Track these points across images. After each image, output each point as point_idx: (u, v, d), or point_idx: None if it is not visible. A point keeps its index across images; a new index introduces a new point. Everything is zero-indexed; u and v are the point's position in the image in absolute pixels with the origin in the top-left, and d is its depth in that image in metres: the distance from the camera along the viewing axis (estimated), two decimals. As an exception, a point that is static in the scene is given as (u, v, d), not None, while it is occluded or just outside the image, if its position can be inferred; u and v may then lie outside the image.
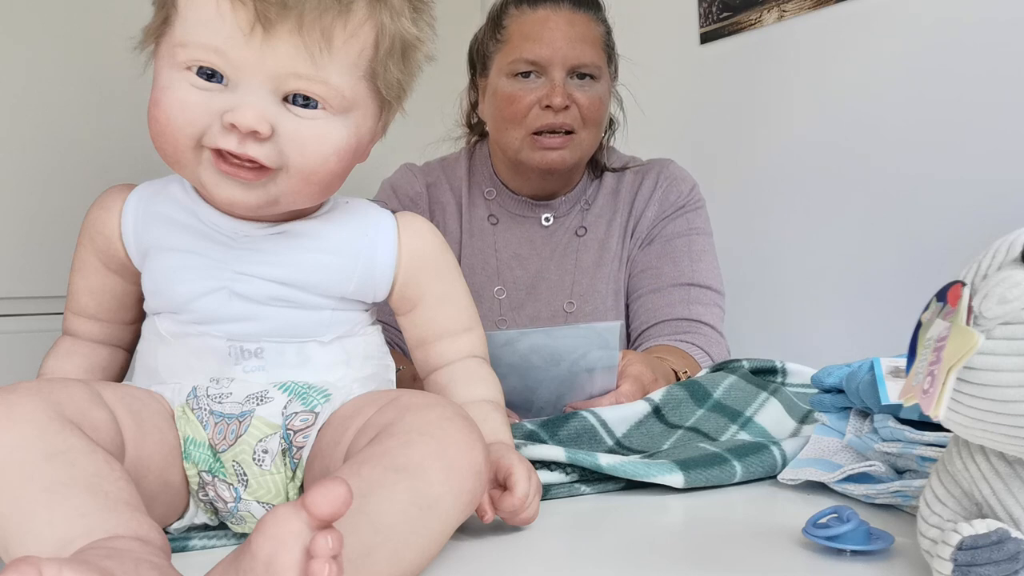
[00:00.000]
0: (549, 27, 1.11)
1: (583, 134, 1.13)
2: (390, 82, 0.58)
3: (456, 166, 1.24)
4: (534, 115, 1.11)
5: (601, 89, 1.14)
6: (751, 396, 0.85)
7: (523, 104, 1.11)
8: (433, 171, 1.24)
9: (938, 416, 0.39)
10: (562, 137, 1.12)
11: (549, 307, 1.18)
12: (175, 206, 0.59)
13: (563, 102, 1.09)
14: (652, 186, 1.21)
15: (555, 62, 1.10)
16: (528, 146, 1.12)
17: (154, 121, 0.54)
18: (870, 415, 0.66)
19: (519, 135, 1.12)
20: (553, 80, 1.10)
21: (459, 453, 0.49)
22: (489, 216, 1.21)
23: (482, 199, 1.22)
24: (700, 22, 1.72)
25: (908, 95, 1.37)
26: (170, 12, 0.55)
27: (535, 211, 1.21)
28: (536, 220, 1.21)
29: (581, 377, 0.85)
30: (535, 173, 1.16)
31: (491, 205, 1.22)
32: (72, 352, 0.64)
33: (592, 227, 1.21)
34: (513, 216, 1.21)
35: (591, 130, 1.14)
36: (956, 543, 0.41)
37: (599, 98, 1.14)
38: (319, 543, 0.36)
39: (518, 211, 1.21)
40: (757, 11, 1.60)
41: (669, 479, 0.65)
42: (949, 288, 0.42)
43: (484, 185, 1.22)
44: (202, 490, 0.57)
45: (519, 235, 1.20)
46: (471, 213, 1.21)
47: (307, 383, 0.57)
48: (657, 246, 1.18)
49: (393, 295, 0.62)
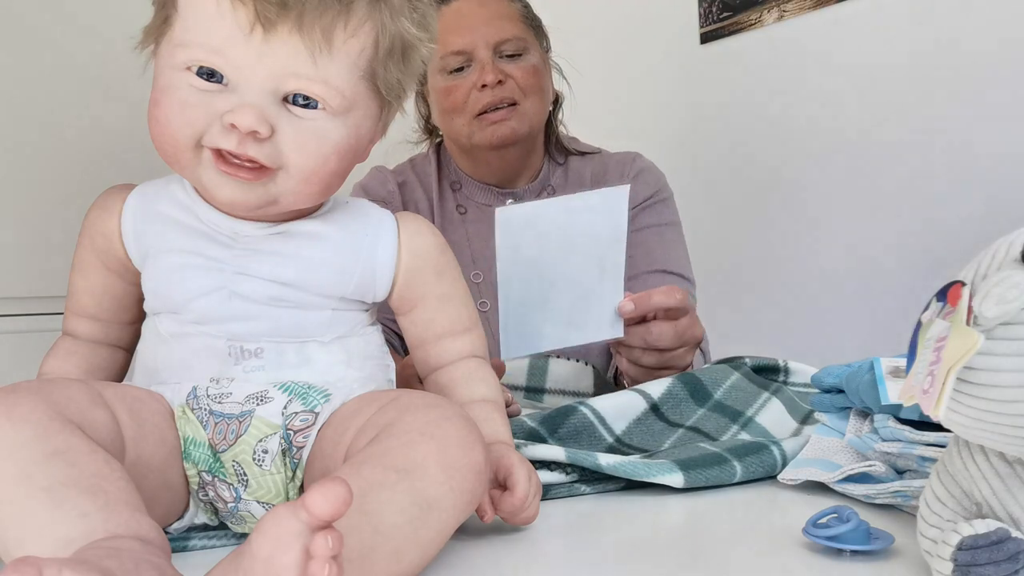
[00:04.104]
0: (464, 15, 1.17)
1: (526, 104, 1.16)
2: (390, 82, 0.58)
3: (425, 164, 1.28)
4: (473, 99, 1.15)
5: (533, 60, 1.18)
6: (752, 396, 0.85)
7: (460, 92, 1.15)
8: (403, 171, 1.27)
9: (938, 416, 0.39)
10: (505, 110, 1.15)
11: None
12: (175, 206, 0.59)
13: (495, 78, 1.13)
14: (618, 178, 1.23)
15: (478, 44, 1.15)
16: (476, 128, 1.16)
17: (154, 121, 0.54)
18: (870, 415, 0.66)
19: (464, 121, 1.16)
20: (481, 61, 1.15)
21: (459, 453, 0.49)
22: (458, 207, 1.25)
23: (451, 192, 1.25)
24: (700, 22, 1.72)
25: (908, 95, 1.37)
26: (170, 12, 0.55)
27: (499, 198, 1.24)
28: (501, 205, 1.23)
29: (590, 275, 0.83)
30: (492, 155, 1.19)
31: (458, 196, 1.25)
32: (72, 352, 0.63)
33: None
34: (479, 205, 1.24)
35: (533, 99, 1.17)
36: (956, 543, 0.41)
37: (532, 67, 1.17)
38: (319, 543, 0.36)
39: (483, 200, 1.24)
40: (757, 11, 1.60)
41: (669, 479, 0.65)
42: (949, 288, 0.42)
43: (451, 178, 1.26)
44: (202, 490, 0.57)
45: (487, 224, 1.22)
46: (442, 207, 1.24)
47: (307, 383, 0.57)
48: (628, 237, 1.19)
49: (393, 295, 0.62)
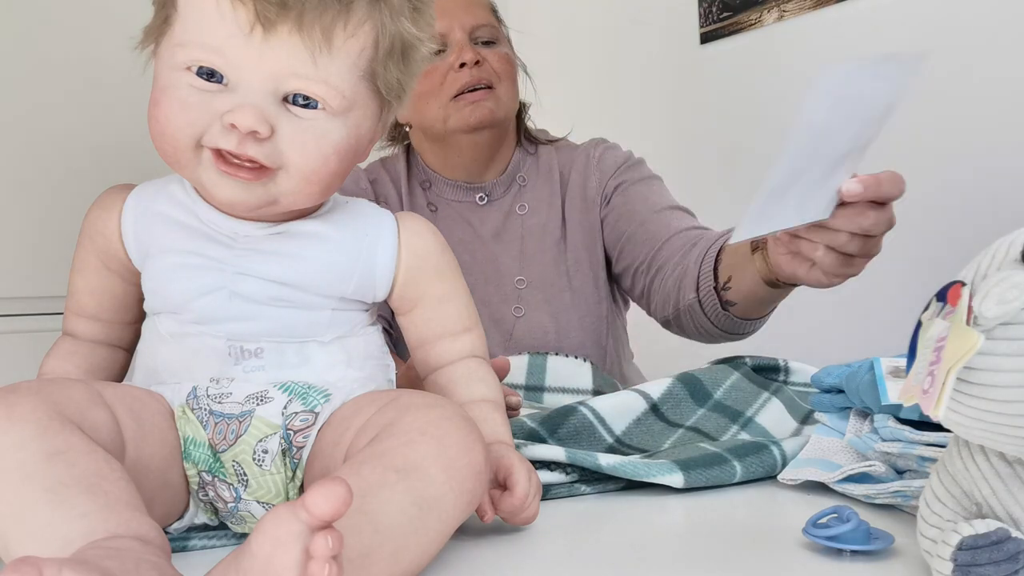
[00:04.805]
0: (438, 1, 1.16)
1: (501, 89, 1.16)
2: (390, 82, 0.57)
3: (395, 162, 1.27)
4: (450, 79, 1.14)
5: (505, 49, 1.19)
6: (752, 396, 0.85)
7: (437, 73, 1.14)
8: (374, 169, 1.27)
9: (938, 416, 0.39)
10: (483, 91, 1.14)
11: (500, 290, 1.19)
12: (175, 206, 0.59)
13: (474, 56, 1.13)
14: (584, 160, 1.24)
15: (454, 27, 1.15)
16: (453, 110, 1.14)
17: (154, 121, 0.54)
18: (870, 415, 0.66)
19: (440, 103, 1.15)
20: (458, 43, 1.14)
21: (459, 453, 0.49)
22: (428, 204, 1.23)
23: (420, 190, 1.25)
24: (700, 22, 1.72)
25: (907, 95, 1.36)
26: (170, 12, 0.55)
27: (469, 194, 1.23)
28: (471, 203, 1.23)
29: (847, 149, 0.71)
30: (465, 139, 1.17)
31: (429, 195, 1.24)
32: (72, 352, 0.63)
33: (532, 203, 1.23)
34: (449, 203, 1.23)
35: (507, 85, 1.17)
36: (956, 543, 0.41)
37: (506, 55, 1.18)
38: (319, 543, 0.36)
39: (453, 196, 1.23)
40: (757, 11, 1.60)
41: (669, 479, 0.65)
42: (949, 288, 0.42)
43: (420, 178, 1.25)
44: (202, 490, 0.57)
45: (458, 220, 1.22)
46: (411, 204, 1.23)
47: (307, 383, 0.57)
48: (619, 197, 1.20)
49: (393, 295, 0.62)
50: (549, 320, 1.18)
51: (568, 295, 1.19)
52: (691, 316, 1.05)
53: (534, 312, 1.19)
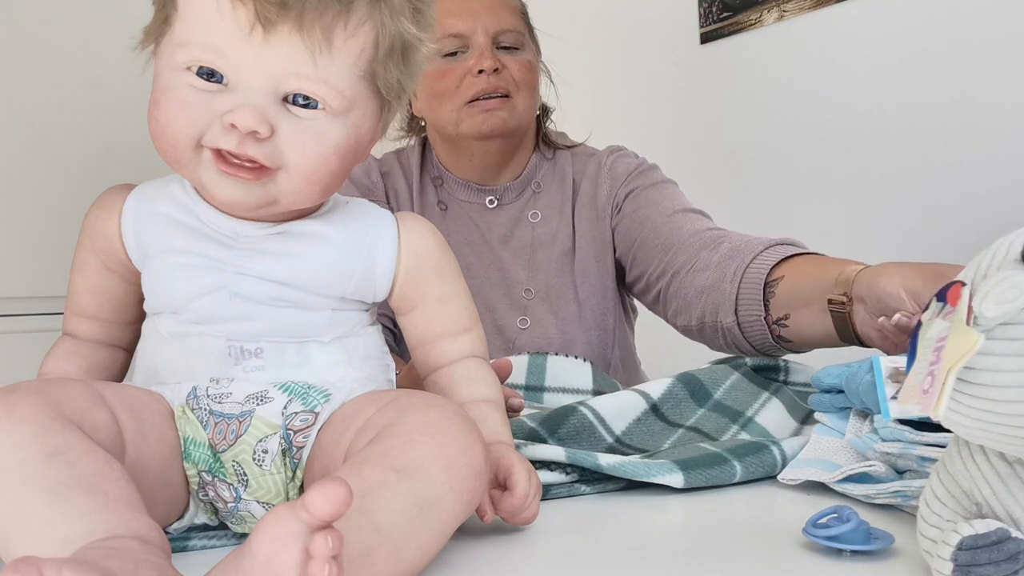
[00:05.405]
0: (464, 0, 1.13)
1: (518, 99, 1.14)
2: (390, 82, 0.57)
3: (410, 155, 1.25)
4: (467, 84, 1.12)
5: (529, 56, 1.16)
6: (752, 396, 0.85)
7: (453, 76, 1.12)
8: (388, 161, 1.25)
9: (938, 416, 0.39)
10: (498, 100, 1.12)
11: (505, 297, 1.17)
12: (175, 206, 0.59)
13: (493, 64, 1.10)
14: (596, 168, 1.22)
15: (477, 30, 1.12)
16: (466, 116, 1.12)
17: (154, 121, 0.54)
18: (870, 415, 0.66)
19: (454, 106, 1.13)
20: (479, 47, 1.12)
21: (459, 453, 0.49)
22: (439, 203, 1.22)
23: (432, 186, 1.23)
24: (700, 22, 1.72)
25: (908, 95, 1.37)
26: (170, 12, 0.55)
27: (480, 196, 1.21)
28: (481, 205, 1.21)
29: None
30: (476, 145, 1.16)
31: (440, 192, 1.23)
32: (72, 352, 0.63)
33: (544, 211, 1.21)
34: (459, 203, 1.22)
35: (525, 95, 1.15)
36: (956, 543, 0.41)
37: (528, 62, 1.15)
38: (319, 543, 0.36)
39: (464, 197, 1.22)
40: (757, 11, 1.60)
41: (669, 479, 0.65)
42: (949, 288, 0.42)
43: (432, 173, 1.24)
44: (202, 490, 0.57)
45: (467, 220, 1.21)
46: (422, 199, 1.22)
47: (307, 383, 0.57)
48: (630, 204, 1.18)
49: (393, 295, 0.62)
50: (554, 331, 1.17)
51: (575, 307, 1.18)
52: (724, 335, 0.99)
53: (539, 323, 1.18)
